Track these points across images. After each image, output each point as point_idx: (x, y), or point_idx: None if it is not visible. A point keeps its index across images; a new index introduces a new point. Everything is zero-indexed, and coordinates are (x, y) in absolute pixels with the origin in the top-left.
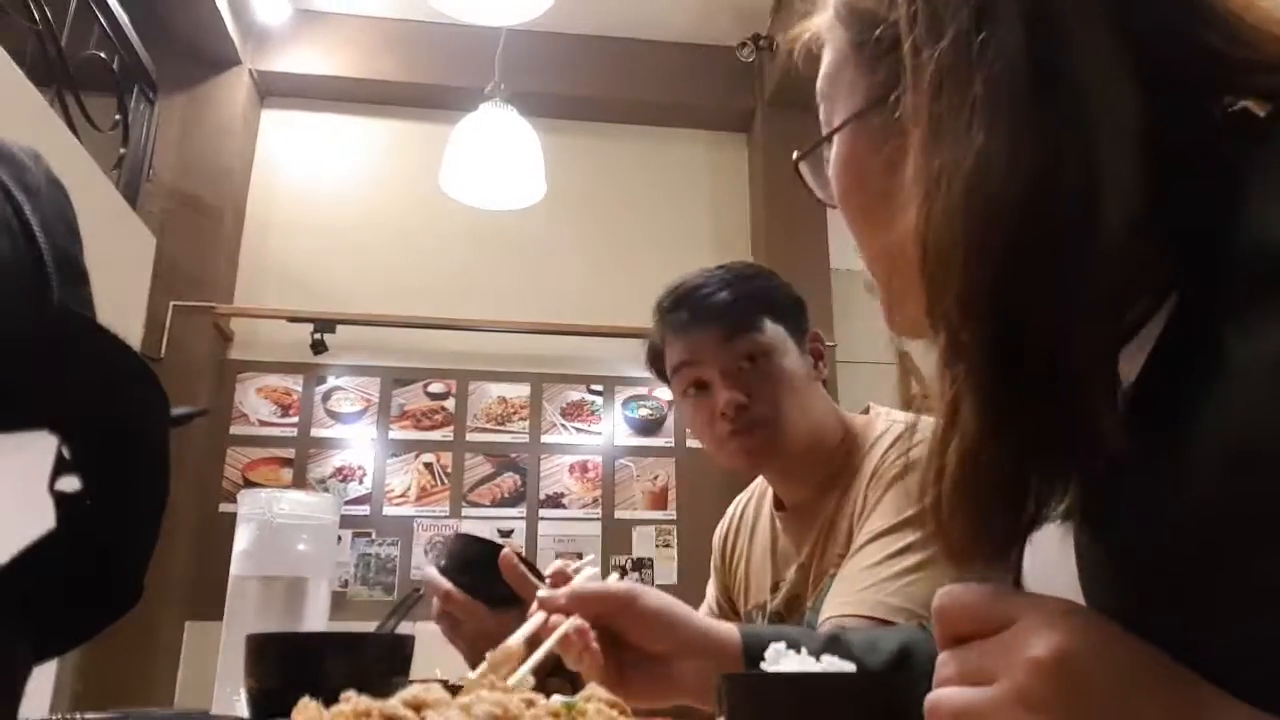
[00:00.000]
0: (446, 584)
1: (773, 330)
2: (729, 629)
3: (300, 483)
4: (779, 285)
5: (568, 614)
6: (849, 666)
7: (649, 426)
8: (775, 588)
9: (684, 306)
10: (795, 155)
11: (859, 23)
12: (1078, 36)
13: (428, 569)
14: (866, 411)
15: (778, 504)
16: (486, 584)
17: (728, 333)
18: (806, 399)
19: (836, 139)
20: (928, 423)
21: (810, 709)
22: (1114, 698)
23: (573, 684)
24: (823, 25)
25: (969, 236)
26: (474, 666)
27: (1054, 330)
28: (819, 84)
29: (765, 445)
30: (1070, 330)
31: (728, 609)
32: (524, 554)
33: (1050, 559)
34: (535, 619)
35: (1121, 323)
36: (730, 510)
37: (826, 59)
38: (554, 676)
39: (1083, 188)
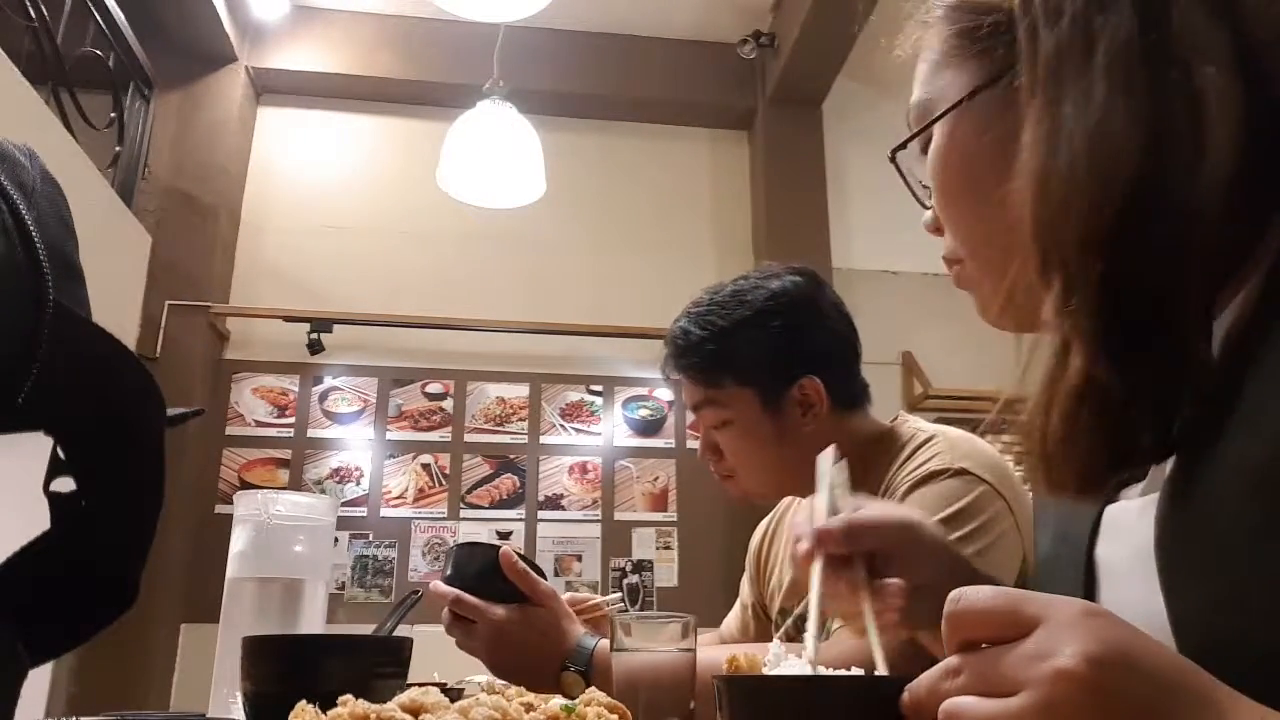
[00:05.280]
0: (455, 591)
1: (735, 396)
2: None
3: (297, 484)
4: (767, 335)
5: (847, 548)
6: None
7: (649, 427)
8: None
9: (669, 359)
10: (891, 149)
11: (968, 14)
12: (1182, 24)
13: (434, 582)
14: (895, 420)
15: None
16: (491, 584)
17: (695, 403)
18: (779, 455)
19: (939, 128)
20: (950, 432)
21: (811, 712)
22: (1144, 707)
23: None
24: (923, 26)
25: (1092, 180)
26: (491, 666)
27: (1164, 263)
28: (923, 83)
29: (741, 494)
30: (1177, 262)
31: (763, 616)
32: (522, 552)
33: (1130, 527)
34: (818, 573)
35: (1217, 261)
36: (766, 519)
37: (928, 58)
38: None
39: (1192, 135)
